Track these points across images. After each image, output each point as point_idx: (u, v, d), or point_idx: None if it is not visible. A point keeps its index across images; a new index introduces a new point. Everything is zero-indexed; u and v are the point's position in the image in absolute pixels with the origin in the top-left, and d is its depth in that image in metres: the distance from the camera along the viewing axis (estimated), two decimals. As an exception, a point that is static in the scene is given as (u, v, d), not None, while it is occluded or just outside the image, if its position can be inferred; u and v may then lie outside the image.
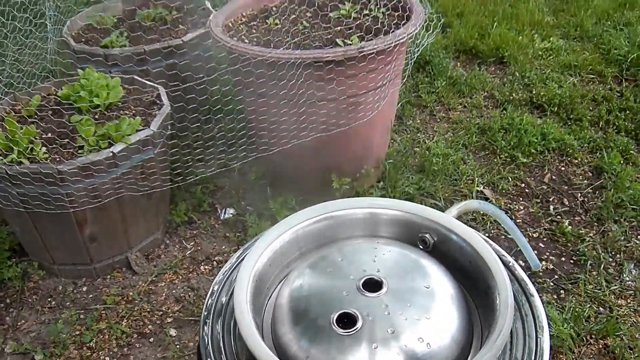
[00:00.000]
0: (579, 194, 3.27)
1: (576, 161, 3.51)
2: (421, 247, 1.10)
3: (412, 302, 0.94)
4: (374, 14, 3.06)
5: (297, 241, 1.10)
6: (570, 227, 3.03)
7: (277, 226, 1.10)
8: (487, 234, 2.98)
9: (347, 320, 0.91)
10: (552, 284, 2.77)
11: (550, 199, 3.23)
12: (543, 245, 2.96)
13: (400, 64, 2.98)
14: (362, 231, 1.13)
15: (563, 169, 3.46)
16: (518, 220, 3.09)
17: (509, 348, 0.96)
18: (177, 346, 2.47)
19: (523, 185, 3.31)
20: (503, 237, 2.96)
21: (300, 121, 2.76)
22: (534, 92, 4.06)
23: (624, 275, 2.81)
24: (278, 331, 0.95)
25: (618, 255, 2.91)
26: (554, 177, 3.39)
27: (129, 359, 2.45)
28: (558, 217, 3.12)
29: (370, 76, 2.77)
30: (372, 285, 0.95)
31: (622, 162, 3.47)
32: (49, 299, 2.72)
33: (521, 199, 3.23)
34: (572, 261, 2.89)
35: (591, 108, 3.97)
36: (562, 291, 2.73)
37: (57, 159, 2.45)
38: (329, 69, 2.64)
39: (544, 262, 2.87)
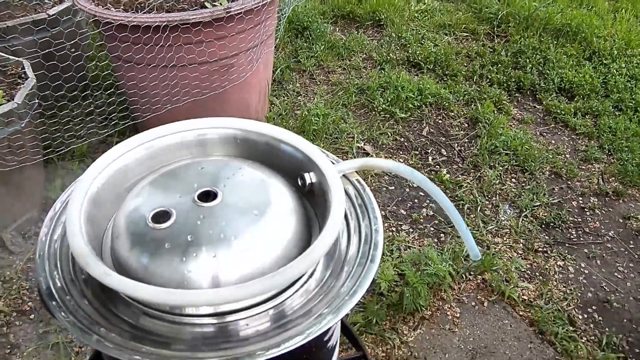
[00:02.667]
0: (456, 144, 3.37)
1: (452, 114, 3.62)
2: (300, 183, 1.07)
3: (243, 213, 0.93)
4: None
5: (143, 161, 1.06)
6: (448, 175, 3.13)
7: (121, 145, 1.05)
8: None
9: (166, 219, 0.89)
10: (432, 229, 2.85)
11: (429, 151, 3.32)
12: (423, 194, 3.04)
13: (271, 24, 2.97)
14: (235, 152, 1.10)
15: (440, 121, 3.57)
16: (398, 173, 3.16)
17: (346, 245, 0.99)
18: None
19: (402, 139, 3.39)
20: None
21: (172, 86, 2.72)
22: (410, 51, 4.15)
23: (500, 216, 2.93)
24: (117, 252, 0.93)
25: (494, 198, 3.03)
26: (432, 130, 3.49)
27: (9, 337, 2.36)
28: (437, 166, 3.22)
29: (240, 37, 2.75)
30: (209, 196, 0.95)
31: (495, 111, 3.61)
32: None
33: (401, 152, 3.31)
34: (450, 207, 2.98)
35: (465, 64, 4.10)
36: (442, 235, 2.82)
37: None
38: (196, 31, 2.60)
39: (424, 210, 2.95)
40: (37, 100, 2.69)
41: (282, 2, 3.01)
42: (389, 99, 3.60)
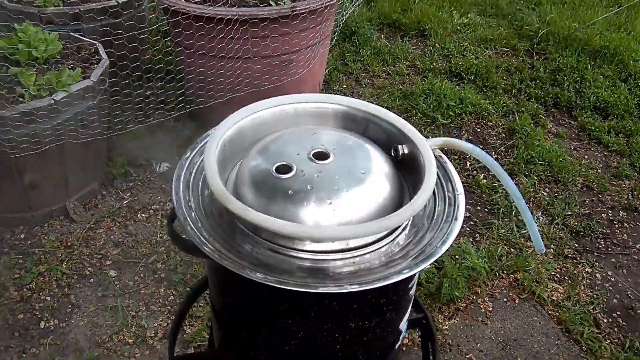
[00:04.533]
0: (493, 152, 3.53)
1: (491, 123, 3.78)
2: (393, 154, 1.25)
3: (352, 171, 1.10)
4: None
5: (263, 125, 1.25)
6: (485, 180, 3.29)
7: (247, 108, 1.24)
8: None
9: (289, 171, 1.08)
10: (468, 229, 3.00)
11: (467, 156, 3.48)
12: (460, 196, 3.19)
13: (329, 25, 3.15)
14: (338, 124, 1.29)
15: (479, 130, 3.73)
16: (438, 174, 3.32)
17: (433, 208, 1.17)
18: (117, 285, 2.58)
19: (442, 143, 3.55)
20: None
21: (235, 76, 2.90)
22: (452, 62, 4.33)
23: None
24: (243, 197, 1.09)
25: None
26: (470, 137, 3.65)
27: (70, 298, 2.54)
28: (474, 171, 3.37)
29: (302, 35, 2.93)
30: (322, 156, 1.12)
31: (532, 124, 3.76)
32: (-14, 247, 2.77)
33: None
34: (486, 210, 3.14)
35: (505, 77, 4.26)
36: (477, 235, 2.97)
37: (-2, 106, 2.51)
38: (263, 27, 2.79)
39: (461, 210, 3.11)
40: (107, 80, 2.88)
41: (340, 6, 3.19)
42: (431, 105, 3.77)
